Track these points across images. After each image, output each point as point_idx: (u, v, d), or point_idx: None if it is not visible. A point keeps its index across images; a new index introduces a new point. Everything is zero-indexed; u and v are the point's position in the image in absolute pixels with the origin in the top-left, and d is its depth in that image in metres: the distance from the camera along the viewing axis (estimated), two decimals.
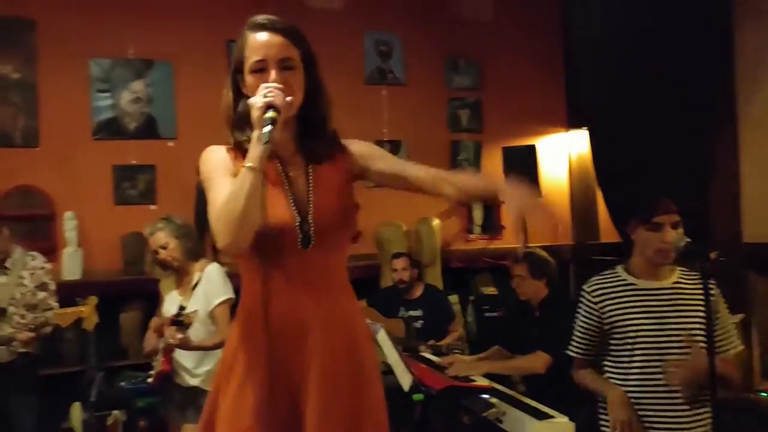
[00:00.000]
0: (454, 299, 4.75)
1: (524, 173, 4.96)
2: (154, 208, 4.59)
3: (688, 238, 2.19)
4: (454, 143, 5.51)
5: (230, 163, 1.55)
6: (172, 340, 2.87)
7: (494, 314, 4.71)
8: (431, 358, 3.46)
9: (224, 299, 3.03)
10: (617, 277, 2.44)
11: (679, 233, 2.26)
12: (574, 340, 2.55)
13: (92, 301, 3.20)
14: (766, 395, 3.50)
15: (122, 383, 3.84)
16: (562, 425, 2.44)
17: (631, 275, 2.41)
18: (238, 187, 1.40)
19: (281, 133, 1.50)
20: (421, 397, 2.84)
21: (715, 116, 4.11)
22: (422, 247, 5.05)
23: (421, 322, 4.10)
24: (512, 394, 2.82)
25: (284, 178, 1.56)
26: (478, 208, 5.50)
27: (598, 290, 2.45)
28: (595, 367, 2.52)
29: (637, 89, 4.08)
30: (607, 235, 5.39)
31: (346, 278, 1.64)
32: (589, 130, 4.96)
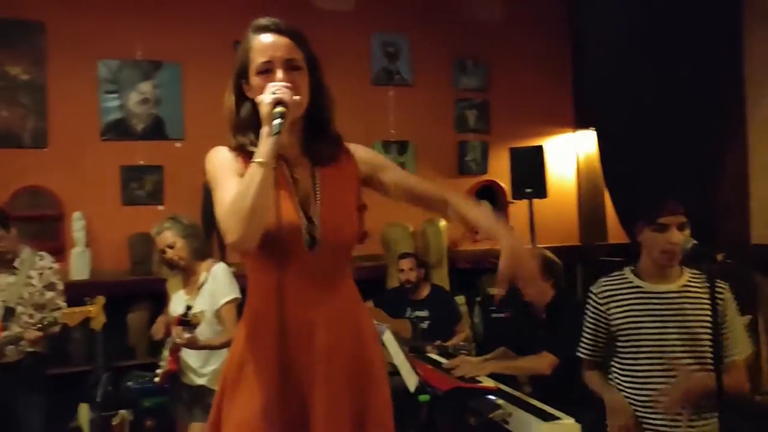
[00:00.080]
0: (460, 300, 4.75)
1: (531, 174, 4.96)
2: (161, 208, 4.60)
3: (695, 240, 2.18)
4: (461, 144, 5.50)
5: (235, 163, 1.55)
6: (179, 339, 2.88)
7: (501, 315, 4.70)
8: (438, 358, 3.46)
9: (231, 299, 3.04)
10: (624, 279, 2.43)
11: (685, 235, 2.25)
12: (582, 341, 2.55)
13: (100, 300, 3.21)
14: None
15: (129, 383, 3.85)
16: (568, 427, 2.43)
17: (638, 278, 2.40)
18: (247, 182, 1.40)
19: (288, 134, 1.51)
20: (427, 398, 2.84)
21: (723, 118, 4.09)
22: (429, 247, 5.05)
23: (427, 322, 4.10)
24: (518, 395, 2.82)
25: (290, 180, 1.57)
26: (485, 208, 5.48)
27: (604, 292, 2.44)
28: (603, 368, 2.51)
29: (644, 90, 4.07)
30: (614, 236, 5.37)
31: (351, 279, 1.64)
32: (596, 130, 4.95)
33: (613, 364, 2.46)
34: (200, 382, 3.07)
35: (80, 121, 4.54)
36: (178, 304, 3.11)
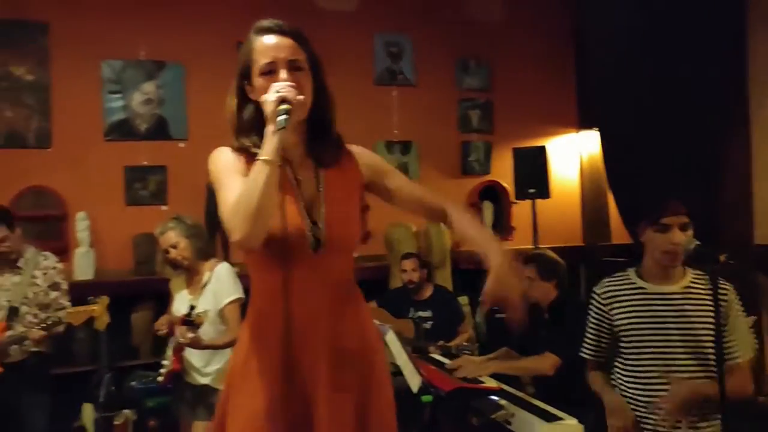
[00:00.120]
0: (463, 300, 4.74)
1: (534, 174, 4.96)
2: (165, 208, 4.61)
3: (697, 240, 2.17)
4: (464, 144, 5.50)
5: (238, 163, 1.55)
6: (182, 339, 2.89)
7: (504, 315, 4.69)
8: (440, 359, 3.46)
9: (234, 298, 3.05)
10: (627, 279, 2.43)
11: (688, 235, 2.24)
12: (585, 342, 2.55)
13: (104, 300, 3.21)
14: None
15: (133, 383, 3.86)
16: (571, 427, 2.43)
17: (640, 278, 2.40)
18: (253, 180, 1.40)
19: (291, 135, 1.51)
20: (429, 398, 2.84)
21: (727, 118, 4.08)
22: (432, 247, 5.05)
23: (430, 323, 4.10)
24: (521, 395, 2.82)
25: (294, 182, 1.57)
26: (488, 208, 5.49)
27: (607, 293, 2.44)
28: (607, 369, 2.51)
29: (648, 90, 4.06)
30: (618, 236, 5.36)
31: (354, 279, 1.65)
32: (599, 130, 4.94)
33: (616, 364, 2.46)
34: (204, 381, 3.08)
35: (84, 121, 4.55)
36: (181, 304, 3.12)
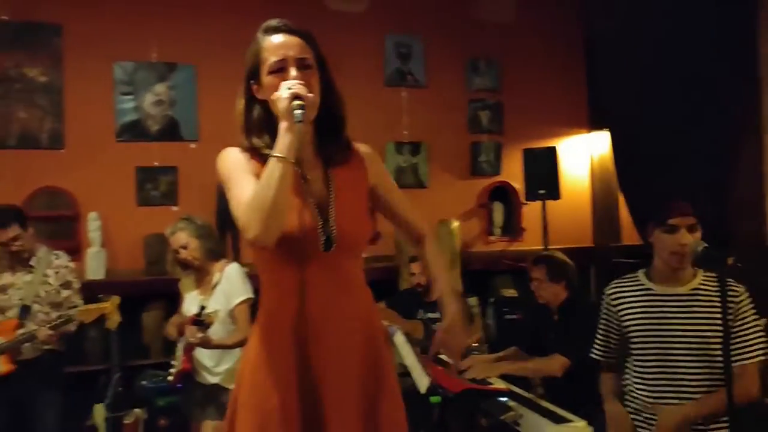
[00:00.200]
0: (473, 301, 4.73)
1: (545, 175, 4.95)
2: (176, 209, 4.63)
3: (705, 243, 2.15)
4: (474, 145, 5.49)
5: (248, 164, 1.56)
6: (192, 339, 2.90)
7: (514, 317, 4.69)
8: (449, 360, 3.46)
9: (244, 299, 3.06)
10: (636, 281, 2.42)
11: (696, 237, 2.23)
12: (595, 342, 2.55)
13: (115, 300, 3.24)
14: None
15: (143, 382, 3.89)
16: (579, 429, 2.42)
17: (649, 280, 2.39)
18: (267, 177, 1.41)
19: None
20: (438, 399, 2.84)
21: (738, 118, 4.06)
22: (442, 248, 5.03)
23: (440, 324, 4.09)
24: (530, 397, 2.81)
25: (304, 181, 1.58)
26: (498, 209, 5.48)
27: (615, 294, 2.44)
28: (619, 370, 2.50)
29: (658, 91, 4.04)
30: (628, 237, 5.34)
31: (363, 278, 1.65)
32: (610, 131, 4.92)
33: (626, 365, 2.45)
34: (214, 381, 3.09)
35: (96, 122, 4.58)
36: (191, 304, 3.14)
